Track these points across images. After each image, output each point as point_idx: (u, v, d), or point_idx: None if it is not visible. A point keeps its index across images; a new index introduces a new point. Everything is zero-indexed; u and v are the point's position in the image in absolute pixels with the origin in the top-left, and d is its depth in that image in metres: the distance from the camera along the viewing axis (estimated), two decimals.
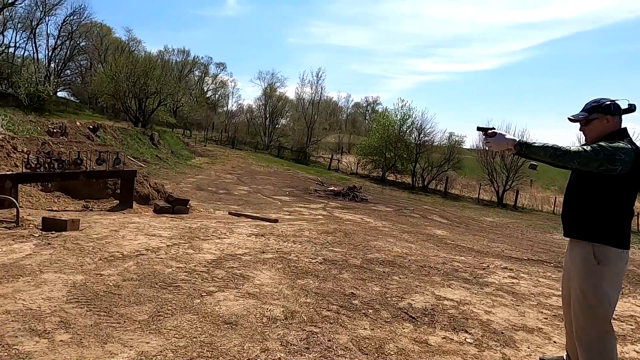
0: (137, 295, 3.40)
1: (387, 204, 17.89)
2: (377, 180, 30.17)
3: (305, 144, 39.93)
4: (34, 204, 7.98)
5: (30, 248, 4.61)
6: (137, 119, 30.14)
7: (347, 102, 77.93)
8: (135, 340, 2.62)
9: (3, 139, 9.12)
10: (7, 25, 36.88)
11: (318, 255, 5.46)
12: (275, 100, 49.55)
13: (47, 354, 2.35)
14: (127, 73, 29.61)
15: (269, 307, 3.39)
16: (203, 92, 57.36)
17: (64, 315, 2.88)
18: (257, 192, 17.02)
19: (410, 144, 31.79)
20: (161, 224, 6.93)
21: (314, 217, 11.32)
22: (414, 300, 3.94)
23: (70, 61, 44.59)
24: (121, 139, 21.91)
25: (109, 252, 4.68)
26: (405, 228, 10.47)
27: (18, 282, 3.48)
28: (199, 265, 4.46)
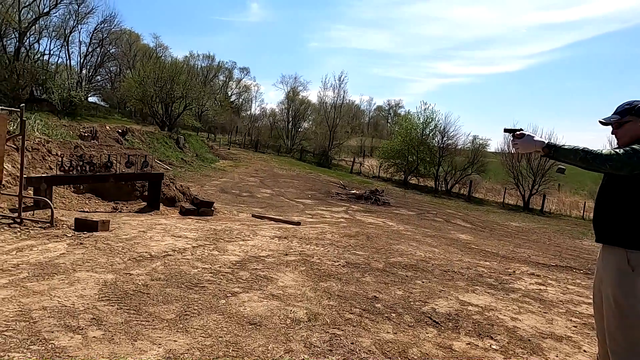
0: (165, 294, 3.49)
1: (410, 208, 17.73)
2: (400, 184, 29.94)
3: (328, 147, 39.99)
4: (66, 205, 8.28)
5: (64, 247, 4.79)
6: (164, 123, 30.86)
7: (369, 105, 77.70)
8: (163, 339, 2.69)
9: (39, 142, 9.51)
10: (42, 34, 38.46)
11: (340, 258, 5.47)
12: (298, 104, 49.86)
13: (80, 350, 2.45)
14: (154, 78, 30.38)
15: (292, 308, 3.43)
16: (227, 96, 58.24)
17: (96, 313, 2.99)
18: (280, 195, 17.15)
19: (433, 147, 31.43)
20: (187, 226, 7.09)
21: (336, 220, 11.33)
22: (437, 305, 3.91)
23: (100, 67, 46.08)
24: (148, 143, 22.48)
25: (137, 252, 4.82)
26: (428, 232, 10.36)
27: (53, 279, 3.63)
28: (224, 266, 4.55)
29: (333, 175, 29.39)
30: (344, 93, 44.66)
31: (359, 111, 70.48)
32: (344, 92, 44.58)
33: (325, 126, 41.67)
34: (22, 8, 34.40)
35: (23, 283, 3.47)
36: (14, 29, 34.44)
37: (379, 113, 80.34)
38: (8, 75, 30.22)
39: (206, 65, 56.76)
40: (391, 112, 78.20)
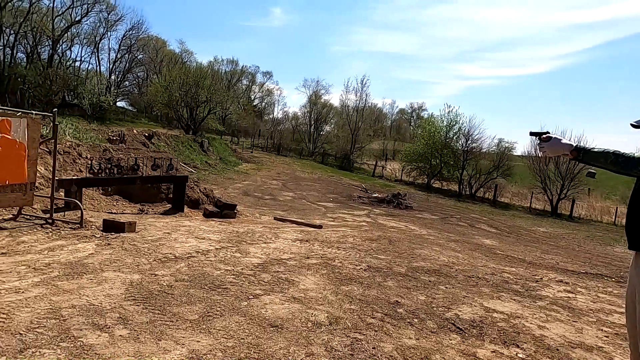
0: (188, 295, 3.55)
1: (433, 212, 17.49)
2: (422, 188, 29.58)
3: (350, 151, 39.91)
4: (95, 206, 8.53)
5: (93, 248, 4.94)
6: (189, 126, 31.46)
7: (391, 108, 77.19)
8: (186, 339, 2.74)
9: (70, 146, 9.85)
10: (74, 41, 39.95)
11: (362, 262, 5.45)
12: (320, 108, 50.00)
13: (107, 348, 2.52)
14: (179, 83, 31.04)
15: (313, 312, 3.43)
16: (250, 100, 58.95)
17: (122, 312, 3.07)
18: (302, 198, 17.21)
19: (457, 151, 30.93)
20: (210, 228, 7.19)
21: (358, 223, 11.28)
22: (461, 311, 3.84)
23: (128, 73, 47.50)
24: (174, 146, 22.96)
25: (162, 253, 4.92)
26: (451, 237, 10.20)
27: (82, 279, 3.74)
28: (246, 268, 4.59)
29: (355, 178, 29.30)
30: (366, 96, 44.52)
31: (381, 114, 70.09)
32: (366, 95, 44.45)
33: (347, 129, 41.61)
34: (56, 17, 35.82)
35: (54, 282, 3.59)
36: (47, 36, 35.89)
37: (402, 116, 79.73)
38: (42, 81, 31.46)
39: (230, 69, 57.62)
40: (414, 115, 77.51)
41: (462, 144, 31.15)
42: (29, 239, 5.18)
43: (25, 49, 36.74)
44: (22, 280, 3.59)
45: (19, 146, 5.60)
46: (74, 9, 37.31)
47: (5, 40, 34.33)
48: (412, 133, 51.97)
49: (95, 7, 38.80)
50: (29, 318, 2.80)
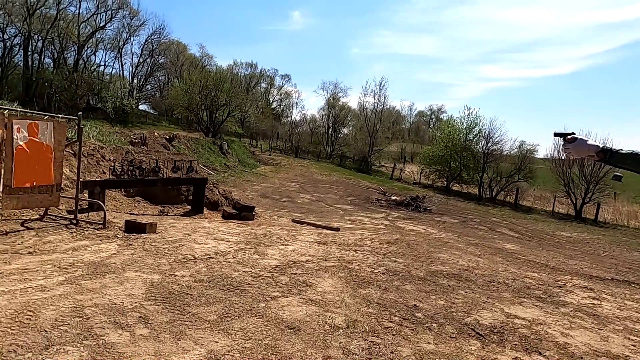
0: (207, 296, 3.59)
1: (452, 215, 17.25)
2: (441, 191, 29.22)
3: (368, 153, 39.76)
4: (117, 207, 8.72)
5: (115, 248, 5.05)
6: (208, 129, 31.89)
7: (410, 110, 76.64)
8: (205, 339, 2.77)
9: (94, 148, 10.10)
10: (98, 47, 41.06)
11: (380, 265, 5.41)
12: (338, 110, 50.00)
13: (128, 346, 2.56)
14: (199, 87, 31.52)
15: (331, 314, 3.42)
16: (269, 103, 59.40)
17: (143, 311, 3.12)
18: (320, 200, 17.22)
19: (477, 153, 30.45)
20: (229, 230, 7.26)
21: (376, 226, 11.22)
22: (481, 316, 3.77)
23: (150, 77, 48.48)
24: (194, 148, 23.29)
25: (182, 254, 4.99)
26: (471, 240, 10.04)
27: (105, 278, 3.82)
28: (264, 270, 4.61)
29: (373, 181, 29.16)
30: (384, 98, 44.32)
31: (400, 117, 69.65)
32: (384, 97, 44.34)
33: (366, 132, 41.48)
34: (81, 23, 36.88)
35: (78, 281, 3.68)
36: (73, 42, 36.96)
37: (421, 118, 79.07)
38: (68, 85, 32.41)
39: (249, 73, 58.19)
40: (433, 118, 76.77)
41: (483, 146, 30.65)
42: (54, 238, 5.33)
43: (52, 54, 37.94)
44: (47, 278, 3.69)
45: (45, 148, 5.78)
46: (98, 15, 38.39)
47: (34, 46, 35.53)
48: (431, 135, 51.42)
49: (118, 13, 39.83)
50: (54, 316, 2.88)
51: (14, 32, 34.34)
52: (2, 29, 33.74)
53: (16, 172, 5.39)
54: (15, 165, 5.37)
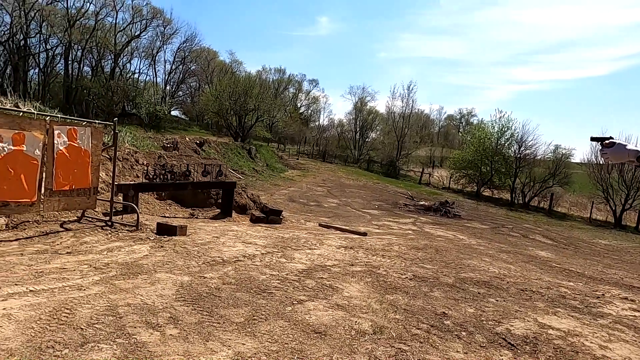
0: (235, 298, 3.64)
1: (483, 221, 16.84)
2: (472, 196, 28.58)
3: (395, 158, 39.41)
4: (150, 210, 8.98)
5: (147, 249, 5.20)
6: (237, 134, 32.46)
7: (439, 114, 75.47)
8: (232, 341, 2.80)
9: (128, 153, 10.46)
10: (133, 55, 42.64)
11: (408, 271, 5.34)
12: (366, 114, 49.84)
13: (159, 346, 2.63)
14: (229, 92, 32.16)
15: (357, 320, 3.40)
16: (297, 107, 59.87)
17: (173, 312, 3.19)
18: (347, 205, 17.18)
19: (509, 158, 29.64)
20: (257, 233, 7.34)
21: (404, 231, 11.08)
22: (513, 325, 3.65)
23: (182, 83, 49.86)
24: (223, 153, 23.74)
25: (211, 256, 5.08)
26: (503, 247, 9.76)
27: (137, 279, 3.94)
28: (291, 274, 4.64)
29: (401, 185, 28.86)
30: (412, 102, 43.89)
31: (429, 120, 68.77)
32: (412, 101, 43.81)
33: (393, 136, 41.15)
34: (118, 32, 38.39)
35: (112, 281, 3.81)
36: (110, 51, 38.53)
37: (450, 122, 77.74)
38: (105, 92, 33.75)
39: (277, 78, 58.89)
40: (463, 121, 75.32)
41: (515, 150, 29.82)
42: (90, 239, 5.54)
43: (91, 63, 39.67)
44: (84, 278, 3.83)
45: (84, 153, 6.03)
46: (133, 25, 39.85)
47: (74, 55, 37.24)
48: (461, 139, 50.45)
49: (153, 22, 41.25)
50: (89, 314, 2.99)
51: (56, 42, 36.19)
52: (45, 39, 35.57)
53: (57, 176, 5.65)
54: (56, 169, 5.63)
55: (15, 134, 5.02)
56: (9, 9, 31.96)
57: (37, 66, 36.67)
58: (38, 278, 3.73)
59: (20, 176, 5.10)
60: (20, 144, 5.08)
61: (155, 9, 40.87)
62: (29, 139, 5.18)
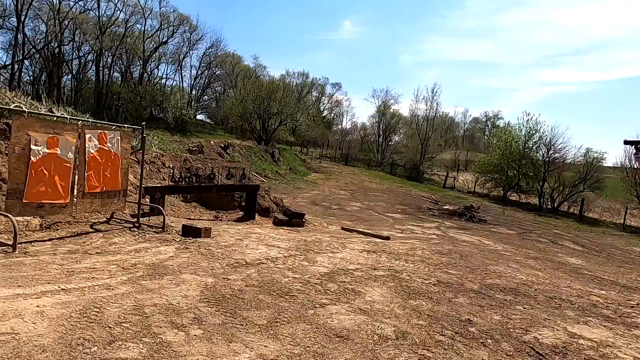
0: (258, 300, 3.66)
1: (509, 226, 16.43)
2: (498, 200, 27.95)
3: (419, 161, 38.97)
4: (175, 212, 9.16)
5: (173, 251, 5.30)
6: (261, 137, 32.82)
7: (464, 117, 74.35)
8: (255, 343, 2.82)
9: (155, 156, 10.72)
10: (161, 61, 43.78)
11: (431, 276, 5.26)
12: (389, 118, 49.56)
13: (183, 346, 2.67)
14: (253, 96, 32.59)
15: (379, 324, 3.37)
16: (319, 111, 60.10)
17: (197, 313, 3.25)
18: (369, 208, 17.08)
19: (537, 161, 28.82)
20: (279, 236, 7.39)
21: (428, 236, 10.93)
22: (541, 334, 3.54)
23: (207, 88, 50.87)
24: (247, 156, 24.03)
25: (234, 259, 5.14)
26: (530, 253, 9.50)
27: (163, 279, 4.03)
28: (313, 277, 4.64)
29: (424, 189, 28.50)
30: (437, 105, 43.32)
31: (453, 123, 67.78)
32: (437, 104, 43.25)
33: (417, 139, 40.72)
34: (146, 39, 39.51)
35: (139, 281, 3.91)
36: (139, 57, 39.68)
37: (475, 125, 76.43)
38: (133, 97, 34.76)
39: (300, 82, 59.30)
40: (489, 124, 73.94)
41: (543, 154, 28.98)
42: (119, 240, 5.70)
43: (120, 68, 40.96)
44: (112, 278, 3.94)
45: (114, 156, 6.21)
46: (161, 31, 40.94)
47: (105, 61, 38.53)
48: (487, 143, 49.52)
49: (179, 29, 42.27)
50: (117, 313, 3.07)
51: (87, 49, 37.53)
52: (78, 46, 36.93)
53: (88, 178, 5.84)
54: (88, 171, 5.82)
55: (50, 138, 5.22)
56: (44, 18, 33.39)
57: (70, 72, 38.14)
58: (69, 277, 3.86)
59: (54, 178, 5.29)
60: (54, 147, 5.27)
61: (182, 16, 41.94)
62: (62, 142, 5.37)
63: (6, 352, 2.37)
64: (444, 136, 50.33)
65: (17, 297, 3.20)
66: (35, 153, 5.05)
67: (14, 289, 3.38)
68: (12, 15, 31.60)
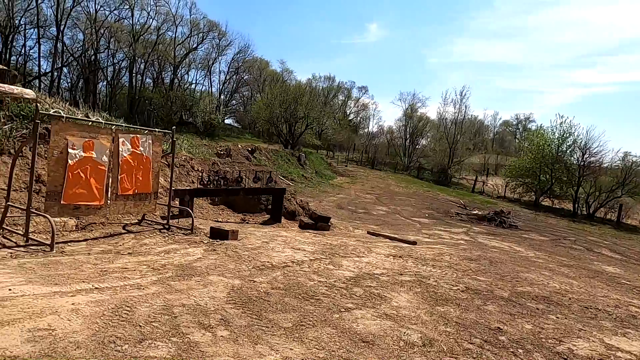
0: (283, 303, 3.68)
1: (542, 233, 15.90)
2: (529, 205, 27.12)
3: (447, 165, 38.32)
4: (204, 214, 9.34)
5: (201, 253, 5.40)
6: (287, 141, 33.09)
7: (494, 120, 72.66)
8: (280, 345, 2.84)
9: (185, 159, 10.97)
10: (191, 66, 44.93)
11: (459, 282, 5.15)
12: (416, 121, 48.99)
13: (210, 346, 2.72)
14: (280, 101, 32.93)
15: (406, 330, 3.32)
16: (346, 115, 60.02)
17: (224, 314, 3.29)
18: (396, 212, 16.91)
19: (572, 166, 27.81)
20: (305, 239, 7.41)
21: (455, 241, 10.72)
22: (575, 345, 3.41)
23: (235, 92, 51.75)
24: (273, 160, 24.26)
25: (260, 261, 5.19)
26: (564, 261, 9.16)
27: (191, 280, 4.11)
28: (338, 281, 4.63)
29: (452, 194, 27.98)
30: (465, 108, 42.53)
31: (483, 127, 66.34)
32: (465, 107, 42.44)
33: (445, 143, 40.07)
34: (177, 45, 40.59)
35: (168, 281, 4.00)
36: (170, 63, 40.81)
37: (506, 128, 74.57)
38: (164, 102, 35.75)
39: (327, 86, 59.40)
40: (520, 127, 72.02)
41: (578, 158, 27.94)
42: (149, 241, 5.85)
43: (152, 74, 42.24)
44: (143, 278, 4.05)
45: (145, 160, 6.40)
46: (191, 38, 41.97)
47: (138, 68, 39.83)
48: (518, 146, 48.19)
49: (209, 35, 43.23)
50: (147, 312, 3.15)
51: (121, 57, 38.93)
52: (112, 54, 38.38)
53: (121, 181, 6.03)
54: (121, 174, 6.02)
55: (86, 142, 5.43)
56: (82, 27, 34.88)
57: (105, 79, 39.64)
58: (102, 276, 3.99)
59: (90, 181, 5.50)
60: (89, 151, 5.48)
61: (211, 22, 42.89)
62: (97, 146, 5.58)
63: (44, 347, 2.47)
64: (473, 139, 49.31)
65: (54, 295, 3.34)
66: (72, 156, 5.26)
67: (51, 287, 3.53)
68: (52, 25, 33.19)
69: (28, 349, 2.43)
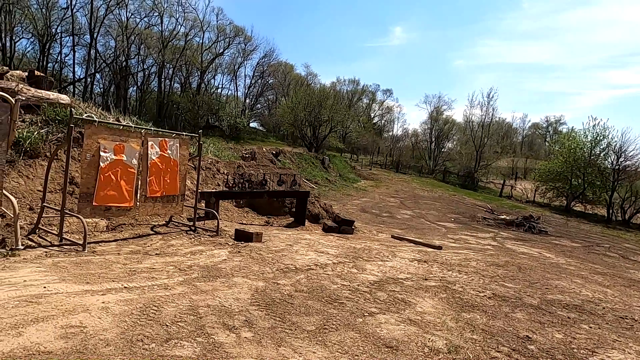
0: (307, 306, 3.69)
1: (573, 239, 15.37)
2: (560, 211, 26.27)
3: (474, 169, 37.60)
4: (229, 217, 9.47)
5: (226, 254, 5.48)
6: (311, 144, 33.22)
7: (522, 123, 70.88)
8: (303, 348, 2.84)
9: (211, 162, 11.16)
10: (217, 71, 45.75)
11: (486, 288, 5.03)
12: (442, 124, 48.35)
13: (234, 347, 2.75)
14: (304, 104, 33.12)
15: (430, 337, 3.27)
16: (370, 118, 59.78)
17: (248, 316, 3.32)
18: (421, 216, 16.69)
19: (605, 170, 26.79)
20: (329, 242, 7.40)
21: (482, 247, 10.48)
22: (610, 357, 3.27)
23: (260, 96, 52.36)
24: (297, 163, 24.39)
25: (284, 264, 5.22)
26: (597, 268, 8.82)
27: (216, 282, 4.17)
28: (362, 285, 4.60)
29: (479, 198, 27.41)
30: (493, 110, 41.73)
31: (511, 129, 64.81)
32: (493, 109, 41.68)
33: (472, 146, 39.36)
34: (204, 51, 41.45)
35: (194, 282, 4.07)
36: (197, 68, 41.70)
37: (535, 131, 72.55)
38: (191, 107, 36.53)
39: (351, 89, 59.36)
40: (550, 130, 69.97)
41: (612, 161, 26.90)
42: (176, 242, 5.98)
43: (180, 79, 43.24)
44: (169, 278, 4.14)
45: (173, 163, 6.55)
46: (218, 43, 42.77)
47: (166, 73, 40.90)
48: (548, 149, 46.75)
49: (235, 40, 43.95)
50: (174, 312, 3.22)
51: (151, 62, 40.06)
52: (142, 60, 39.53)
53: (150, 183, 6.19)
54: (149, 177, 6.18)
55: (117, 145, 5.60)
56: (114, 34, 36.11)
57: (135, 84, 40.85)
58: (131, 276, 4.10)
59: (120, 183, 5.67)
60: (120, 154, 5.65)
61: (237, 28, 43.58)
62: (127, 149, 5.75)
63: (75, 343, 2.56)
64: (501, 142, 48.13)
65: (86, 293, 3.45)
66: (104, 159, 5.44)
67: (83, 285, 3.65)
68: (86, 33, 34.48)
69: (61, 345, 2.52)
